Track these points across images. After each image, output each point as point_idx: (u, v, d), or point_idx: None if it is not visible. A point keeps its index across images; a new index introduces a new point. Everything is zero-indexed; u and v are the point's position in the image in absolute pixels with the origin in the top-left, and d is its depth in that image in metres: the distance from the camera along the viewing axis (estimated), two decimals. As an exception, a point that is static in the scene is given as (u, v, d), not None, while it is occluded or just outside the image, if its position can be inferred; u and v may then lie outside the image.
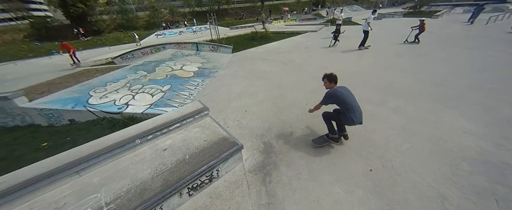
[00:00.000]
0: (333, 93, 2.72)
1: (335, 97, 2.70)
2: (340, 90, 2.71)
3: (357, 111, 2.65)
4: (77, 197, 2.18)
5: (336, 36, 10.54)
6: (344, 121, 2.73)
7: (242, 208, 2.28)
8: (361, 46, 9.39)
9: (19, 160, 3.83)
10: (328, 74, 2.85)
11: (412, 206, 2.11)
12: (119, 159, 2.70)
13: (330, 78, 2.82)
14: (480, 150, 2.72)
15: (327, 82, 2.85)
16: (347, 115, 2.64)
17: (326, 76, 2.86)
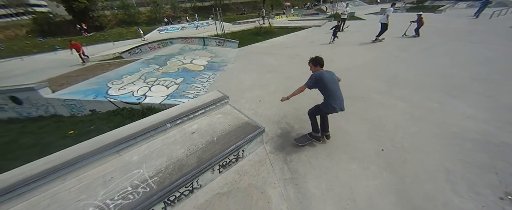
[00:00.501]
0: (318, 76, 2.63)
1: (320, 81, 2.60)
2: (325, 74, 2.64)
3: (338, 97, 2.62)
4: (121, 172, 2.45)
5: (336, 33, 10.30)
6: (324, 108, 2.71)
7: (268, 182, 2.55)
8: (377, 38, 9.51)
9: (49, 146, 4.09)
10: (313, 58, 2.80)
11: (421, 178, 2.37)
12: (153, 141, 2.97)
13: (316, 62, 2.77)
14: (482, 132, 2.98)
15: (312, 66, 2.81)
16: (327, 101, 2.63)
17: (311, 60, 2.81)
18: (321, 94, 2.79)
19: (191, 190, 2.42)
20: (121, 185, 2.26)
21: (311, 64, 2.83)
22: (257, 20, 18.06)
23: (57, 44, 20.82)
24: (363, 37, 11.02)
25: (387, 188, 2.30)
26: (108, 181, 2.34)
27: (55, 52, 17.05)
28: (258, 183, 2.54)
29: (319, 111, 2.85)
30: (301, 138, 3.12)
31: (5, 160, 3.75)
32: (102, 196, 2.14)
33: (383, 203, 2.14)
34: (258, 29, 15.08)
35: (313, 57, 2.81)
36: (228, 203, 2.30)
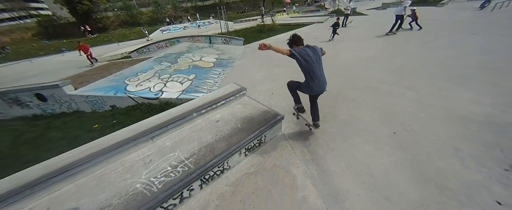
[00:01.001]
0: (299, 50, 2.52)
1: (300, 55, 2.48)
2: (308, 51, 2.52)
3: (317, 78, 2.53)
4: (158, 155, 2.70)
5: (335, 30, 9.98)
6: (303, 88, 2.69)
7: (291, 162, 2.79)
8: (391, 31, 9.67)
9: (77, 138, 4.37)
10: (290, 39, 2.69)
11: (432, 155, 2.60)
12: (182, 129, 3.21)
13: (293, 42, 2.66)
14: (486, 115, 3.19)
15: (295, 47, 2.65)
16: (306, 81, 2.58)
17: (289, 42, 2.71)
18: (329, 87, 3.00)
19: (222, 171, 2.67)
20: (161, 165, 2.51)
21: (293, 46, 2.68)
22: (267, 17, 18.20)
23: (62, 46, 21.13)
24: (367, 31, 11.19)
25: (401, 164, 2.53)
26: (148, 163, 2.59)
27: (62, 54, 17.38)
28: (282, 164, 2.78)
29: (298, 86, 2.88)
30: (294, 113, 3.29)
31: (39, 151, 4.02)
32: (145, 175, 2.39)
33: (398, 177, 2.37)
34: (261, 26, 15.28)
35: (289, 39, 2.69)
36: (257, 181, 2.55)
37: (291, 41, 2.68)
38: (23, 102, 5.27)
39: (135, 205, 2.02)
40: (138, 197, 2.12)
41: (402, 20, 9.34)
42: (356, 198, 2.20)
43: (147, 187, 2.22)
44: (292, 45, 2.66)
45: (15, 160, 3.92)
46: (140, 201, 2.07)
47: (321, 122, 3.61)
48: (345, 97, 4.35)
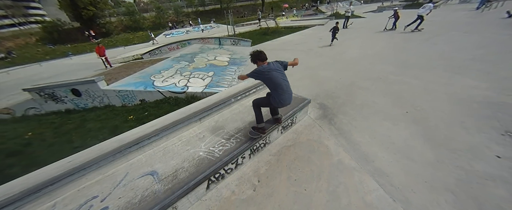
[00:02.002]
0: (260, 70, 2.38)
1: (262, 75, 2.38)
2: (271, 67, 2.39)
3: (285, 92, 2.42)
4: (209, 132, 3.15)
5: (335, 34, 9.47)
6: (272, 102, 2.53)
7: (322, 137, 3.26)
8: (416, 28, 10.34)
9: (116, 127, 4.78)
10: (252, 55, 2.49)
11: (441, 127, 3.10)
12: (222, 113, 3.67)
13: (256, 58, 2.47)
14: (484, 96, 3.73)
15: (259, 63, 2.48)
16: (274, 96, 2.46)
17: (252, 59, 2.51)
18: (341, 80, 3.47)
19: (264, 144, 3.12)
20: (215, 139, 2.96)
21: (258, 62, 2.49)
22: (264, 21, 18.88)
23: (67, 51, 21.48)
24: (368, 32, 11.87)
25: (416, 134, 3.03)
26: (202, 138, 3.04)
27: (70, 58, 17.71)
28: (314, 138, 3.25)
29: (267, 102, 2.69)
30: (251, 131, 2.90)
31: (85, 138, 4.42)
32: (204, 146, 2.84)
33: (415, 143, 2.86)
34: (265, 29, 15.90)
35: (252, 55, 2.50)
36: (296, 151, 3.01)
37: (254, 57, 2.47)
38: (59, 97, 5.66)
39: (204, 167, 2.46)
40: (205, 161, 2.56)
41: (423, 20, 10.11)
42: (382, 159, 2.67)
43: (210, 154, 2.66)
44: (256, 61, 2.47)
45: (64, 146, 4.31)
46: (207, 164, 2.51)
47: (342, 105, 4.12)
48: (358, 86, 4.86)
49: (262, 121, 2.79)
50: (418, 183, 2.29)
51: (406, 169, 2.48)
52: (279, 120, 3.02)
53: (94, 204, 2.16)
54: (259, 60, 2.46)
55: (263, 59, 2.46)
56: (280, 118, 3.03)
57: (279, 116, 3.01)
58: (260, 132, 2.81)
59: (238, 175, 2.70)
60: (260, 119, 2.77)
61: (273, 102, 2.51)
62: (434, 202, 2.06)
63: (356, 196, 2.22)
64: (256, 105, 2.76)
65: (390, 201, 2.13)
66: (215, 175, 2.51)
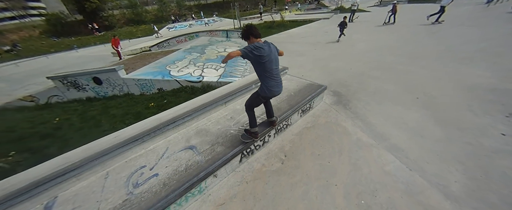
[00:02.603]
0: (255, 46, 1.98)
1: (256, 52, 1.97)
2: (265, 48, 2.03)
3: (275, 79, 2.19)
4: (235, 113, 3.42)
5: (343, 30, 9.12)
6: (262, 93, 2.27)
7: (339, 119, 3.52)
8: (436, 21, 10.46)
9: (139, 114, 5.04)
10: (244, 30, 2.14)
11: (450, 110, 3.36)
12: (245, 97, 3.91)
13: (248, 33, 2.10)
14: (489, 84, 3.98)
15: (252, 39, 2.12)
16: (264, 85, 2.22)
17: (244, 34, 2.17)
18: (352, 70, 3.68)
19: (287, 125, 3.39)
20: (242, 120, 3.22)
21: (251, 37, 2.12)
22: (270, 15, 18.90)
23: (72, 44, 21.53)
24: (374, 25, 11.99)
25: (427, 117, 3.29)
26: (230, 119, 3.30)
27: (76, 51, 17.82)
28: (332, 120, 3.51)
29: (258, 99, 2.41)
30: (244, 135, 2.75)
31: (111, 123, 4.69)
32: (234, 125, 3.10)
33: (426, 124, 3.12)
34: (270, 22, 15.95)
35: (243, 30, 2.16)
36: (316, 131, 3.28)
37: (247, 32, 2.10)
38: (81, 85, 5.90)
39: (237, 142, 2.73)
40: (237, 138, 2.82)
41: (443, 11, 10.23)
42: (397, 137, 2.94)
43: (240, 132, 2.93)
44: (248, 36, 2.11)
45: (92, 130, 4.58)
46: (239, 140, 2.78)
47: (356, 92, 4.37)
48: (369, 76, 5.10)
49: (255, 124, 2.56)
50: (431, 156, 2.56)
51: (419, 145, 2.75)
52: (274, 122, 2.83)
53: (144, 172, 2.43)
54: (252, 36, 2.10)
55: (257, 35, 2.11)
56: (275, 121, 2.84)
57: (274, 118, 2.81)
58: (253, 136, 2.62)
59: (265, 151, 2.98)
60: (253, 122, 2.54)
61: (265, 93, 2.25)
62: (446, 171, 2.34)
63: (376, 166, 2.50)
64: (249, 107, 2.49)
65: (406, 170, 2.41)
66: (246, 150, 2.78)
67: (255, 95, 2.40)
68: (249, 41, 2.15)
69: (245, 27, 2.13)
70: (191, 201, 2.33)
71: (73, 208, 2.10)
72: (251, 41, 2.12)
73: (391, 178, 2.32)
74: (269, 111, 2.77)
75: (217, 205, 2.28)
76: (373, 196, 2.14)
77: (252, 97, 2.45)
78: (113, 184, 2.33)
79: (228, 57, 1.94)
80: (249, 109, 2.50)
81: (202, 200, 2.36)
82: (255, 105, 2.50)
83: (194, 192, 2.30)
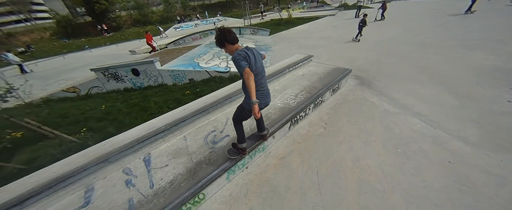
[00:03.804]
0: (244, 52, 1.74)
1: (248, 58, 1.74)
2: (250, 55, 1.78)
3: (263, 89, 1.99)
4: (276, 93, 3.95)
5: (361, 29, 8.41)
6: (247, 106, 2.00)
7: (365, 96, 4.07)
8: (468, 9, 10.96)
9: (178, 100, 5.58)
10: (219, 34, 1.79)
11: (462, 86, 3.91)
12: (280, 80, 4.47)
13: (224, 37, 1.77)
14: (494, 65, 4.52)
15: (229, 46, 1.82)
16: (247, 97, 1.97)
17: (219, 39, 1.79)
18: (368, 59, 4.23)
19: (321, 102, 3.93)
20: (285, 96, 3.77)
21: (226, 44, 1.81)
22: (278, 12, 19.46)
23: (83, 44, 22.12)
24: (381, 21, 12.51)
25: (442, 91, 3.84)
26: (274, 96, 3.83)
27: (90, 51, 18.40)
28: (359, 97, 4.06)
29: (245, 113, 2.12)
30: (230, 151, 2.50)
31: (156, 108, 5.24)
32: (279, 100, 3.65)
33: (443, 96, 3.67)
34: (278, 20, 16.49)
35: (217, 35, 1.80)
36: (348, 105, 3.82)
37: (221, 38, 1.78)
38: (120, 76, 6.45)
39: (286, 112, 3.27)
40: (285, 109, 3.37)
41: (475, 1, 10.73)
42: (418, 106, 3.49)
43: (286, 105, 3.48)
44: (223, 43, 1.80)
45: (140, 113, 5.12)
46: (286, 111, 3.32)
47: (376, 76, 4.90)
48: (385, 62, 5.64)
49: (244, 140, 2.35)
50: (449, 118, 3.11)
51: (439, 111, 3.30)
52: (265, 136, 2.65)
53: (216, 134, 2.99)
54: (228, 42, 1.77)
55: (233, 41, 1.79)
56: (266, 135, 2.66)
57: (265, 132, 2.61)
58: (241, 152, 2.41)
59: (308, 121, 3.53)
60: (241, 137, 2.32)
61: (248, 106, 1.97)
62: (463, 127, 2.89)
63: (405, 127, 3.05)
64: (237, 121, 2.25)
65: (431, 128, 2.95)
66: (293, 119, 3.33)
67: (240, 108, 2.16)
68: (225, 49, 1.84)
69: (218, 32, 1.78)
70: (258, 156, 2.87)
71: (168, 159, 2.65)
72: (228, 49, 1.83)
73: (419, 134, 2.87)
74: (259, 124, 2.52)
75: (279, 158, 2.83)
76: (407, 146, 2.69)
77: (241, 112, 2.16)
78: (193, 143, 2.88)
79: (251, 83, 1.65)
80: (237, 123, 2.26)
81: (265, 155, 2.91)
82: (243, 119, 2.23)
83: (259, 148, 2.85)
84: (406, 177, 2.27)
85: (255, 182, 2.50)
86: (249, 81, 1.65)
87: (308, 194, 2.25)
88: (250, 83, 1.65)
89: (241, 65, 1.66)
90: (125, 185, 2.33)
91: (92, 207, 2.10)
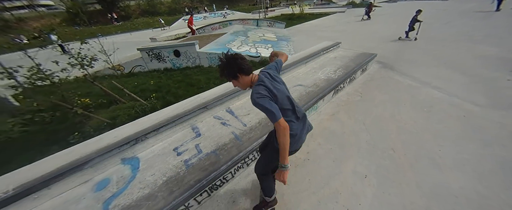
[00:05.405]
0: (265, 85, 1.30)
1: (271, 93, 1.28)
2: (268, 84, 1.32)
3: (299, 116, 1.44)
4: (318, 70, 4.70)
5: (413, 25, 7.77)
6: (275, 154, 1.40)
7: (391, 75, 4.85)
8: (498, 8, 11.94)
9: (216, 79, 6.27)
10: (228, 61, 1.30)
11: (471, 69, 4.72)
12: (315, 60, 5.21)
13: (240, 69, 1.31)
14: (497, 55, 5.36)
15: (243, 78, 1.34)
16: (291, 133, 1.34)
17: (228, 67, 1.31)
18: (386, 48, 4.96)
19: (354, 78, 4.69)
20: (324, 72, 4.52)
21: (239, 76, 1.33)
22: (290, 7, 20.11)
23: (95, 32, 22.41)
24: (389, 17, 13.30)
25: (453, 72, 4.65)
26: (314, 72, 4.59)
27: (105, 38, 18.76)
28: (385, 76, 4.84)
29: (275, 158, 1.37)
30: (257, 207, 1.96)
31: (204, 83, 5.94)
32: (322, 74, 4.40)
33: (454, 76, 4.49)
34: (290, 14, 17.14)
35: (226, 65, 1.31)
36: (376, 82, 4.60)
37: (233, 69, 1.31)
38: (162, 57, 7.11)
39: (330, 82, 4.02)
40: (329, 80, 4.12)
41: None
42: (436, 82, 4.29)
43: (329, 78, 4.23)
44: (236, 75, 1.33)
45: (189, 88, 5.82)
46: (331, 81, 4.07)
47: (395, 62, 5.68)
48: (402, 51, 6.43)
49: (273, 190, 1.83)
50: (461, 90, 3.92)
51: (453, 87, 4.10)
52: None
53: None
54: (242, 73, 1.33)
55: (249, 70, 1.36)
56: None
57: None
58: (272, 205, 1.92)
59: (345, 92, 4.30)
60: (271, 190, 1.80)
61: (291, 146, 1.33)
62: (474, 96, 3.70)
63: (427, 95, 3.84)
64: (263, 171, 1.69)
65: (448, 96, 3.76)
66: (336, 88, 4.09)
67: (269, 157, 1.58)
68: (236, 82, 1.39)
69: (225, 59, 1.31)
70: (312, 114, 3.64)
71: (247, 111, 3.38)
72: (242, 82, 1.37)
73: (439, 100, 3.67)
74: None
75: (330, 115, 3.61)
76: (430, 106, 3.49)
77: (266, 160, 1.64)
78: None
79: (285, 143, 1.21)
80: (264, 174, 1.70)
81: (317, 113, 3.68)
82: (273, 167, 1.56)
83: (314, 107, 3.61)
84: (433, 125, 3.07)
85: (316, 129, 3.27)
86: (284, 139, 1.19)
87: (360, 135, 3.03)
88: (284, 141, 1.19)
89: (271, 112, 1.18)
90: (222, 125, 3.07)
91: (204, 136, 2.84)
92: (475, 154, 2.47)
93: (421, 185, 2.14)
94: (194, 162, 2.36)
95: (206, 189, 2.23)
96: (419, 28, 7.56)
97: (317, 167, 2.54)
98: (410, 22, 7.73)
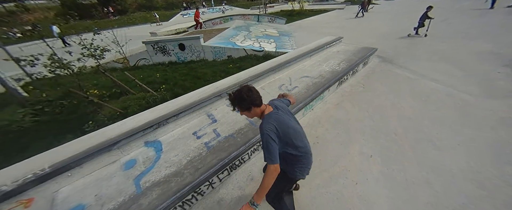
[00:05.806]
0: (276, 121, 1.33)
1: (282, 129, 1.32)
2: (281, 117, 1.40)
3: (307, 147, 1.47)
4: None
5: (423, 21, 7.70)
6: (292, 176, 1.50)
7: (390, 68, 5.09)
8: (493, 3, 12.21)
9: (225, 71, 6.43)
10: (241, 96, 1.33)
11: (466, 63, 4.99)
12: (319, 54, 5.40)
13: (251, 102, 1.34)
14: (491, 50, 5.65)
15: (255, 109, 1.38)
16: (296, 163, 1.45)
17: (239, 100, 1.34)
18: (385, 43, 5.18)
19: (356, 71, 4.91)
20: (328, 64, 4.73)
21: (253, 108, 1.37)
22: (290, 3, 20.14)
23: (91, 26, 22.04)
24: (387, 15, 13.53)
25: (450, 66, 4.92)
26: (319, 65, 4.80)
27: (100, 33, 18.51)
28: (384, 69, 5.08)
29: (288, 183, 1.63)
30: None
31: (211, 76, 6.08)
32: (326, 66, 4.60)
33: (450, 69, 4.75)
34: (290, 11, 17.22)
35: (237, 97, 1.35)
36: (376, 75, 4.83)
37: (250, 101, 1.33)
38: (167, 50, 7.18)
39: (335, 74, 4.23)
40: (334, 72, 4.33)
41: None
42: (433, 75, 4.54)
43: (334, 70, 4.43)
44: (249, 107, 1.35)
45: (195, 80, 5.95)
46: (335, 73, 4.29)
47: (395, 57, 5.93)
48: (401, 47, 6.68)
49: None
50: (457, 82, 4.18)
51: (449, 79, 4.36)
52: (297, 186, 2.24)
53: (287, 86, 3.92)
54: (255, 105, 1.36)
55: (260, 102, 1.40)
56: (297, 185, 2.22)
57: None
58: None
59: (348, 84, 4.52)
60: None
61: (294, 175, 1.48)
62: (468, 87, 3.96)
63: (425, 86, 4.10)
64: (276, 198, 1.71)
65: (444, 87, 4.02)
66: (340, 80, 4.30)
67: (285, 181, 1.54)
68: (247, 113, 1.41)
69: (238, 93, 1.34)
70: (318, 103, 3.85)
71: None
72: (254, 113, 1.40)
73: (436, 90, 3.93)
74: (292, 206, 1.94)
75: (335, 104, 3.82)
76: (428, 96, 3.74)
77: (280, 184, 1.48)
78: (271, 91, 3.80)
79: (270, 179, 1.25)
80: (277, 201, 1.72)
81: (323, 103, 3.89)
82: (285, 191, 1.75)
83: (320, 96, 3.82)
84: (430, 112, 3.32)
85: (323, 117, 3.49)
86: (269, 180, 1.24)
87: (364, 121, 3.26)
88: (268, 182, 1.24)
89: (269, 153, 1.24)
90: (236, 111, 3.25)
91: (220, 122, 3.02)
92: (469, 137, 2.72)
93: (421, 163, 2.38)
94: (214, 144, 2.55)
95: (227, 168, 2.43)
96: (429, 24, 7.62)
97: (326, 149, 2.76)
98: (420, 18, 7.71)
